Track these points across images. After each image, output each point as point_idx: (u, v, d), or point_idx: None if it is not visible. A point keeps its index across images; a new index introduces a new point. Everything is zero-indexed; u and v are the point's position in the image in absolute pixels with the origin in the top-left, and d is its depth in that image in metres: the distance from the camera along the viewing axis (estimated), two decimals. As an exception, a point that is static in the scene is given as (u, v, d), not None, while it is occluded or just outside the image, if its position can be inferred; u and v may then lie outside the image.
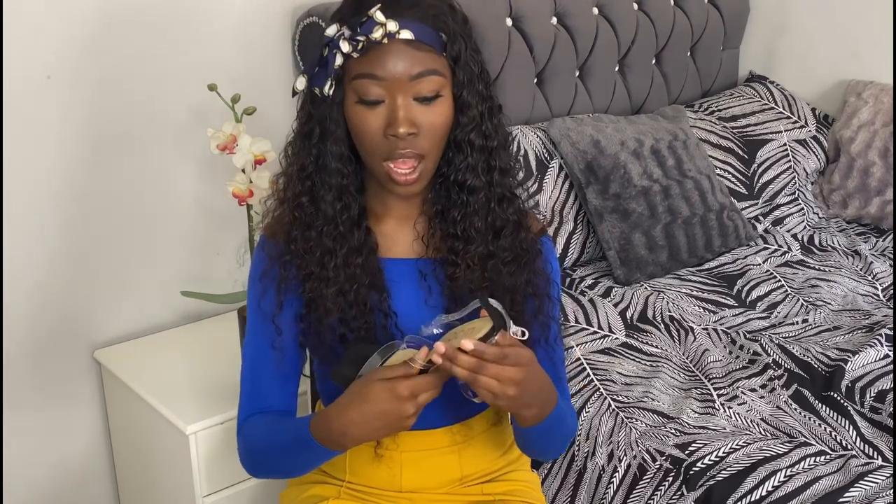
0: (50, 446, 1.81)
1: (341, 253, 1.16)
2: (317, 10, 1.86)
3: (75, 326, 1.78)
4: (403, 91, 1.08)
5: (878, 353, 1.74)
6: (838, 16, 2.60)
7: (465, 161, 1.14)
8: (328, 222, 1.15)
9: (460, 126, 1.13)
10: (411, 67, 1.07)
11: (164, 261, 1.85)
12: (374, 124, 1.09)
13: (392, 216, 1.21)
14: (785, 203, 2.47)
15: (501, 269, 1.17)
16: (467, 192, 1.15)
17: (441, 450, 1.27)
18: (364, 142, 1.12)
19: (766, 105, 2.57)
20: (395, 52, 1.07)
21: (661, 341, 1.84)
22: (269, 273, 1.19)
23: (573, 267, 2.14)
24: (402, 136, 1.08)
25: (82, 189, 1.72)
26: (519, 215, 1.20)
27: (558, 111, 2.29)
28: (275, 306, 1.19)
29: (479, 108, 1.14)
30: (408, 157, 1.10)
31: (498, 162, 1.16)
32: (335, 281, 1.16)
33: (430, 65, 1.08)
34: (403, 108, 1.08)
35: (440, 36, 1.10)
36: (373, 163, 1.13)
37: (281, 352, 1.21)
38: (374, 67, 1.07)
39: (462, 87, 1.12)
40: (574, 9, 2.26)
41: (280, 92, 1.91)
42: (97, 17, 1.66)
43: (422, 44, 1.08)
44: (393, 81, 1.07)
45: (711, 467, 1.44)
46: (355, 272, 1.17)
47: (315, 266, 1.16)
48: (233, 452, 1.59)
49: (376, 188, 1.19)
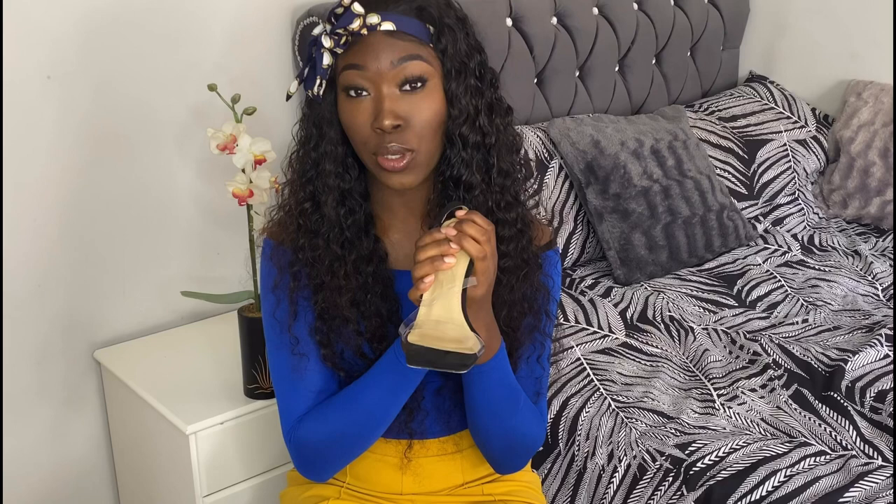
0: (50, 446, 1.81)
1: (350, 259, 1.15)
2: (317, 10, 1.86)
3: (75, 326, 1.78)
4: (388, 81, 1.07)
5: (878, 353, 1.74)
6: (838, 16, 2.60)
7: (459, 155, 1.12)
8: (333, 227, 1.14)
9: (451, 118, 1.11)
10: (393, 54, 1.07)
11: (164, 261, 1.85)
12: (362, 118, 1.09)
13: (399, 225, 1.20)
14: (785, 203, 2.47)
15: (501, 278, 1.14)
16: (463, 189, 1.14)
17: (444, 457, 1.28)
18: (354, 136, 1.11)
19: (766, 105, 2.57)
20: (376, 43, 1.07)
21: (661, 341, 1.84)
22: (280, 283, 1.18)
23: (573, 267, 2.14)
24: (388, 129, 1.07)
25: (82, 189, 1.72)
26: (522, 223, 1.18)
27: (558, 111, 2.29)
28: (289, 316, 1.18)
29: (472, 102, 1.12)
30: (394, 151, 1.08)
31: (497, 162, 1.14)
32: (348, 289, 1.14)
33: (412, 51, 1.08)
34: (388, 100, 1.07)
35: (426, 28, 1.09)
36: (364, 157, 1.12)
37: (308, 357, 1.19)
38: (356, 58, 1.08)
39: (451, 77, 1.10)
40: (574, 9, 2.26)
41: (280, 92, 1.91)
42: (97, 17, 1.66)
43: (405, 34, 1.07)
44: (376, 71, 1.07)
45: (711, 467, 1.44)
46: (367, 280, 1.15)
47: (325, 275, 1.15)
48: (233, 452, 1.60)
49: (381, 195, 1.18)
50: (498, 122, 1.15)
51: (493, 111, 1.15)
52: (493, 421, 1.19)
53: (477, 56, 1.14)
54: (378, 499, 1.28)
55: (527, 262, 1.18)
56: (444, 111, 1.11)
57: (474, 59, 1.13)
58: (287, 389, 1.21)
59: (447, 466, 1.28)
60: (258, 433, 1.60)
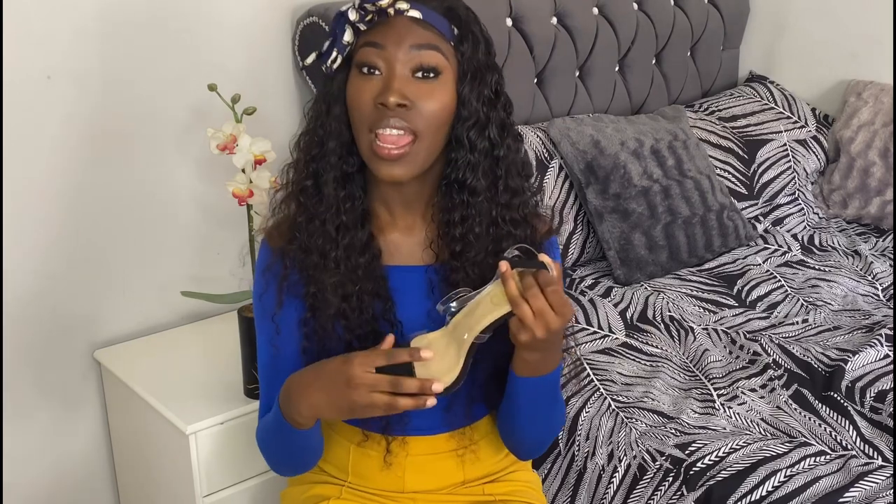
0: (50, 446, 1.81)
1: (343, 243, 1.14)
2: (317, 10, 1.86)
3: (75, 326, 1.78)
4: (402, 62, 1.08)
5: (878, 353, 1.74)
6: (838, 16, 2.60)
7: (466, 157, 1.12)
8: (330, 208, 1.14)
9: (461, 120, 1.11)
10: (413, 39, 1.08)
11: (165, 261, 1.85)
12: (368, 93, 1.09)
13: (397, 224, 1.20)
14: (785, 203, 2.47)
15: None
16: (468, 193, 1.14)
17: (444, 454, 1.28)
18: (354, 113, 1.11)
19: (766, 105, 2.58)
20: (399, 25, 1.08)
21: (661, 341, 1.84)
22: (272, 268, 1.19)
23: (573, 267, 2.14)
24: (391, 106, 1.06)
25: (82, 189, 1.72)
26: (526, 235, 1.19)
27: (558, 111, 2.29)
28: (275, 304, 1.18)
29: (482, 109, 1.12)
30: (395, 127, 1.07)
31: (506, 177, 1.15)
32: (335, 272, 1.14)
33: (432, 41, 1.09)
34: (399, 80, 1.07)
35: (451, 27, 1.11)
36: (360, 136, 1.11)
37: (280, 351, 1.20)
38: (376, 36, 1.08)
39: (465, 81, 1.11)
40: (574, 9, 2.26)
41: (280, 92, 1.91)
42: (97, 17, 1.66)
43: (429, 24, 1.08)
44: (393, 51, 1.08)
45: (711, 467, 1.44)
46: (357, 271, 1.15)
47: (317, 255, 1.15)
48: (233, 452, 1.60)
49: (379, 192, 1.18)
50: (509, 142, 1.16)
51: (506, 130, 1.15)
52: (531, 425, 1.24)
53: (494, 75, 1.14)
54: (380, 497, 1.29)
55: None
56: (452, 109, 1.11)
57: (491, 75, 1.14)
58: (263, 384, 1.24)
59: (448, 465, 1.28)
60: (258, 433, 1.60)
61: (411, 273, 1.20)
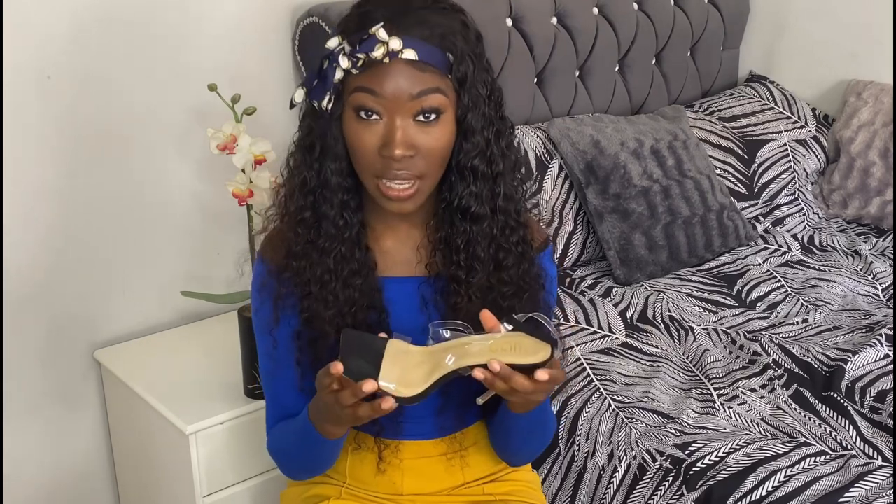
0: (50, 446, 1.81)
1: (343, 275, 1.13)
2: (317, 10, 1.86)
3: (75, 326, 1.78)
4: (403, 111, 1.04)
5: (878, 353, 1.74)
6: (838, 16, 2.60)
7: (469, 188, 1.11)
8: (331, 240, 1.13)
9: (464, 151, 1.09)
10: (412, 87, 1.04)
11: (164, 261, 1.85)
12: (370, 141, 1.06)
13: (392, 234, 1.19)
14: (785, 203, 2.47)
15: (502, 304, 1.15)
16: (471, 220, 1.13)
17: (442, 457, 1.28)
18: (358, 158, 1.09)
19: (766, 105, 2.57)
20: (396, 71, 1.03)
21: (661, 341, 1.84)
22: (266, 286, 1.18)
23: (573, 267, 2.14)
24: (398, 159, 1.04)
25: (82, 189, 1.72)
26: (524, 245, 1.17)
27: (558, 111, 2.29)
28: (271, 320, 1.18)
29: (485, 132, 1.10)
30: (403, 178, 1.07)
31: (503, 188, 1.13)
32: (334, 304, 1.13)
33: (432, 83, 1.05)
34: (401, 130, 1.04)
35: (447, 56, 1.06)
36: (365, 179, 1.10)
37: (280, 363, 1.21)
38: (373, 83, 1.04)
39: (467, 110, 1.08)
40: (574, 9, 2.26)
41: (280, 92, 1.91)
42: (97, 17, 1.66)
43: (426, 64, 1.04)
44: (392, 100, 1.04)
45: (711, 467, 1.44)
46: (354, 295, 1.14)
47: (315, 285, 1.14)
48: (233, 452, 1.60)
49: (374, 205, 1.15)
50: (503, 146, 1.14)
51: (501, 136, 1.13)
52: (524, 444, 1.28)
53: (487, 77, 1.12)
54: (379, 499, 1.29)
55: (529, 284, 1.18)
56: (454, 141, 1.09)
57: (488, 84, 1.11)
58: (267, 394, 1.26)
59: (441, 468, 1.28)
60: (258, 433, 1.60)
61: (406, 284, 1.19)
